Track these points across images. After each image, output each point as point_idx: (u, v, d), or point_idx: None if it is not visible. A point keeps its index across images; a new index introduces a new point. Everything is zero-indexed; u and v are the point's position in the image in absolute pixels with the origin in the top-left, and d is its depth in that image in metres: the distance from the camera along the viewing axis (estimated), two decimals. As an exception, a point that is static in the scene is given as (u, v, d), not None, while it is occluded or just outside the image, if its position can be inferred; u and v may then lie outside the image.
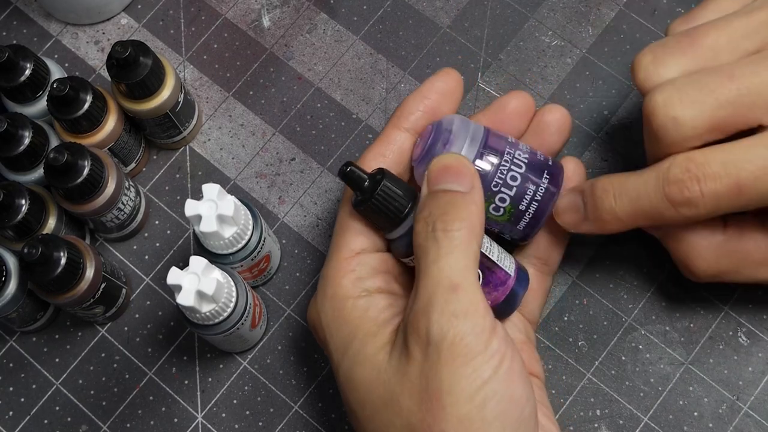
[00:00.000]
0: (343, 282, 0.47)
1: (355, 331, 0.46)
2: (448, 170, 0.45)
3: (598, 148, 0.58)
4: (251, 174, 0.60)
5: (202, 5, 0.63)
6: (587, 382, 0.54)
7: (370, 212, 0.47)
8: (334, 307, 0.47)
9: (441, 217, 0.44)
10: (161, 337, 0.57)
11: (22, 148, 0.52)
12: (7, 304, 0.52)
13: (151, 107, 0.55)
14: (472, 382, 0.41)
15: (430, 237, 0.44)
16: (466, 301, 0.42)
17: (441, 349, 0.42)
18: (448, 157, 0.46)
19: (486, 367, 0.42)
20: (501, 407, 0.42)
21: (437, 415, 0.41)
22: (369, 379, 0.44)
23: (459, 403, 0.41)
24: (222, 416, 0.55)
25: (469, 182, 0.45)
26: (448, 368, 0.41)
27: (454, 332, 0.42)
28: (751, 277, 0.49)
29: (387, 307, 0.46)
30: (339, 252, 0.48)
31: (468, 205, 0.44)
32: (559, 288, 0.56)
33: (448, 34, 0.62)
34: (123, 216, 0.56)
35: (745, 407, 0.53)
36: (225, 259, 0.52)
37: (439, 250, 0.43)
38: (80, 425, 0.56)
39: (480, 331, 0.42)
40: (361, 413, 0.45)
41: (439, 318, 0.42)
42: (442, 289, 0.43)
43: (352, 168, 0.46)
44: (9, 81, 0.54)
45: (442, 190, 0.45)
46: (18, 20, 0.64)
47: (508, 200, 0.48)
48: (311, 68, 0.62)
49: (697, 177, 0.44)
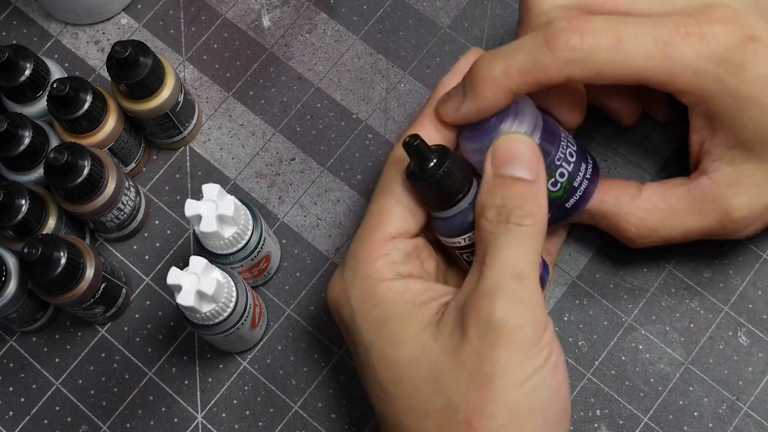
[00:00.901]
0: (377, 265, 0.47)
1: (390, 312, 0.46)
2: (517, 155, 0.46)
3: (598, 148, 0.58)
4: (251, 174, 0.60)
5: (202, 5, 0.63)
6: (587, 382, 0.54)
7: (427, 188, 0.46)
8: (365, 287, 0.47)
9: (515, 211, 0.45)
10: (161, 337, 0.57)
11: (22, 148, 0.52)
12: (7, 304, 0.52)
13: (151, 107, 0.55)
14: (524, 370, 0.43)
15: (502, 227, 0.45)
16: (530, 292, 0.44)
17: (501, 334, 0.43)
18: (516, 139, 0.46)
19: (538, 357, 0.43)
20: (547, 397, 0.43)
21: (485, 396, 0.42)
22: (411, 356, 0.45)
23: (509, 387, 0.42)
24: (222, 416, 0.55)
25: (536, 170, 0.46)
26: (504, 353, 0.42)
27: (516, 319, 0.43)
28: (684, 228, 0.49)
29: (423, 291, 0.47)
30: (374, 234, 0.48)
31: (539, 198, 0.45)
32: (559, 288, 0.56)
33: (448, 34, 0.62)
34: (123, 216, 0.56)
35: (745, 407, 0.53)
36: (225, 259, 0.52)
37: (510, 240, 0.44)
38: (80, 425, 0.56)
39: (538, 322, 0.43)
40: (395, 391, 0.45)
41: (503, 303, 0.43)
42: (509, 276, 0.44)
43: (420, 142, 0.45)
44: (9, 81, 0.54)
45: (510, 176, 0.45)
46: (18, 20, 0.64)
47: (566, 175, 0.49)
48: (311, 68, 0.62)
49: (579, 29, 0.45)
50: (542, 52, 0.45)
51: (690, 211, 0.49)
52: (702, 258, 0.56)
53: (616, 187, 0.50)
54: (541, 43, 0.45)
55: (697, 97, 0.47)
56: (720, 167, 0.48)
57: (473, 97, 0.47)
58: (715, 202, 0.49)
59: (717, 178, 0.49)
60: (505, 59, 0.46)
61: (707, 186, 0.49)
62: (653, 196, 0.50)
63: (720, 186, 0.48)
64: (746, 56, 0.45)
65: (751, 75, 0.45)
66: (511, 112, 0.47)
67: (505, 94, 0.46)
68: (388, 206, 0.48)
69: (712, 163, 0.49)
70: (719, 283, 0.55)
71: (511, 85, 0.46)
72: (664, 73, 0.45)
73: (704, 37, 0.45)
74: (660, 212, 0.50)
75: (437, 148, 0.46)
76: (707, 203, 0.49)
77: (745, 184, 0.48)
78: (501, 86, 0.46)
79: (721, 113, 0.47)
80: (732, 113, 0.46)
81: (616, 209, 0.50)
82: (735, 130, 0.47)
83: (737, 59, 0.45)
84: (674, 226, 0.50)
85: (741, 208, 0.48)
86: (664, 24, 0.46)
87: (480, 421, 0.42)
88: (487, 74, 0.46)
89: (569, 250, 0.56)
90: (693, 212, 0.49)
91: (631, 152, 0.58)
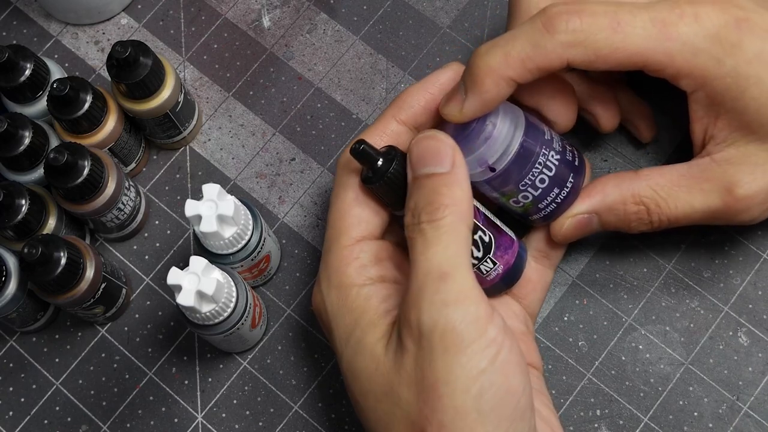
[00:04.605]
0: (348, 270, 0.47)
1: (358, 319, 0.45)
2: (427, 152, 0.45)
3: (598, 148, 0.58)
4: (251, 174, 0.60)
5: (202, 5, 0.63)
6: (587, 382, 0.54)
7: (382, 189, 0.46)
8: (340, 295, 0.46)
9: (425, 208, 0.44)
10: (161, 337, 0.57)
11: (22, 148, 0.52)
12: (7, 304, 0.52)
13: (151, 107, 0.55)
14: (468, 372, 0.41)
15: (416, 229, 0.44)
16: (456, 289, 0.42)
17: (433, 340, 0.41)
18: (426, 137, 0.45)
19: (482, 356, 0.41)
20: (497, 398, 0.41)
21: (434, 406, 0.41)
22: (369, 369, 0.44)
23: (455, 393, 0.41)
24: (222, 416, 0.55)
25: (450, 160, 0.44)
26: (442, 358, 0.41)
27: (444, 321, 0.41)
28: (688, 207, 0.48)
29: (387, 298, 0.46)
30: (339, 239, 0.47)
31: (452, 187, 0.44)
32: (559, 288, 0.56)
33: (448, 34, 0.62)
34: (123, 216, 0.56)
35: (745, 407, 0.53)
36: (225, 259, 0.52)
37: (426, 241, 0.43)
38: (80, 425, 0.56)
39: (473, 318, 0.41)
40: (363, 403, 0.45)
41: (428, 308, 0.41)
42: (431, 278, 0.42)
43: (366, 146, 0.45)
44: (9, 81, 0.54)
45: (424, 175, 0.44)
46: (18, 20, 0.64)
47: (530, 198, 0.49)
48: (311, 68, 0.62)
49: (577, 11, 0.45)
50: (541, 36, 0.45)
51: (692, 189, 0.48)
52: (702, 258, 0.56)
53: (612, 178, 0.50)
54: (540, 28, 0.45)
55: (697, 79, 0.46)
56: (723, 149, 0.48)
57: (474, 91, 0.46)
58: (717, 179, 0.48)
59: (719, 157, 0.48)
60: (503, 48, 0.45)
61: (707, 164, 0.48)
62: (652, 174, 0.49)
63: (721, 164, 0.48)
64: (741, 35, 0.45)
65: (748, 53, 0.45)
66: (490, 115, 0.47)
67: (507, 83, 0.46)
68: (347, 211, 0.48)
69: (716, 146, 0.48)
70: (719, 283, 0.55)
71: (511, 73, 0.45)
72: (663, 53, 0.45)
73: (699, 17, 0.45)
74: (662, 188, 0.49)
75: (385, 149, 0.47)
76: (709, 181, 0.48)
77: (748, 163, 0.47)
78: (502, 75, 0.45)
79: (722, 95, 0.46)
80: (733, 94, 0.46)
81: (621, 196, 0.49)
82: (737, 112, 0.47)
83: (733, 38, 0.45)
84: (677, 204, 0.48)
85: (744, 186, 0.47)
86: (659, 6, 0.46)
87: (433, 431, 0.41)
88: (485, 65, 0.46)
89: (569, 250, 0.56)
90: (695, 190, 0.48)
91: (631, 152, 0.58)
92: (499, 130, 0.47)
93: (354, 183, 0.48)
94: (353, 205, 0.48)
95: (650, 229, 0.50)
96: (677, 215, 0.49)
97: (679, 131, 0.57)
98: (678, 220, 0.49)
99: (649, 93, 0.55)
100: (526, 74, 0.45)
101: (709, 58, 0.46)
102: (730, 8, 0.46)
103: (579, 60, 0.45)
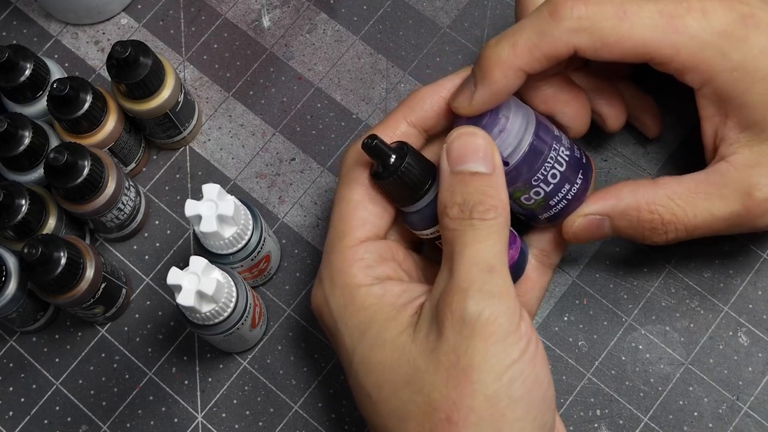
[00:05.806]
0: (353, 271, 0.47)
1: (372, 316, 0.46)
2: (471, 150, 0.45)
3: (598, 148, 0.58)
4: (251, 174, 0.60)
5: (202, 5, 0.63)
6: (587, 382, 0.54)
7: (392, 185, 0.47)
8: (345, 296, 0.47)
9: (477, 206, 0.44)
10: (161, 337, 0.57)
11: (22, 148, 0.52)
12: (7, 304, 0.52)
13: (151, 107, 0.55)
14: (502, 361, 0.43)
15: (467, 223, 0.44)
16: (501, 283, 0.44)
17: (476, 327, 0.43)
18: (469, 133, 0.46)
19: (515, 347, 0.43)
20: (527, 387, 0.43)
21: (464, 391, 0.42)
22: (390, 359, 0.45)
23: (488, 380, 0.42)
24: (222, 416, 0.55)
25: (492, 163, 0.45)
26: (480, 345, 0.42)
27: (489, 311, 0.43)
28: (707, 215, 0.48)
29: (402, 293, 0.47)
30: (343, 240, 0.48)
31: (499, 191, 0.45)
32: (559, 288, 0.56)
33: (448, 34, 0.62)
34: (123, 216, 0.56)
35: (745, 407, 0.53)
36: (225, 259, 0.52)
37: (476, 236, 0.44)
38: (80, 425, 0.56)
39: (512, 313, 0.43)
40: (376, 395, 0.45)
41: (475, 297, 0.43)
42: (479, 270, 0.44)
43: (378, 141, 0.45)
44: (9, 81, 0.54)
45: (468, 172, 0.45)
46: (18, 20, 0.64)
47: (542, 194, 0.49)
48: (311, 68, 0.62)
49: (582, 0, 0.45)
50: (547, 24, 0.45)
51: (711, 196, 0.48)
52: (702, 258, 0.56)
53: (629, 184, 0.50)
54: (545, 16, 0.46)
55: (703, 74, 0.46)
56: (737, 150, 0.48)
57: (484, 83, 0.46)
58: (735, 184, 0.47)
59: (735, 160, 0.48)
60: (510, 39, 0.46)
61: (725, 169, 0.48)
62: (670, 182, 0.49)
63: (739, 168, 0.47)
64: (748, 31, 0.46)
65: (755, 49, 0.46)
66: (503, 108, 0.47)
67: (516, 74, 0.46)
68: (351, 212, 0.48)
69: (729, 148, 0.48)
70: (719, 283, 0.55)
71: (520, 63, 0.46)
72: (669, 46, 0.46)
73: (706, 12, 0.46)
74: (679, 197, 0.48)
75: (396, 144, 0.47)
76: (728, 186, 0.48)
77: (765, 164, 0.47)
78: (510, 66, 0.46)
79: (730, 91, 0.47)
80: (741, 89, 0.46)
81: (635, 202, 0.49)
82: (747, 109, 0.47)
83: (739, 34, 0.45)
84: (696, 213, 0.48)
85: (763, 188, 0.47)
86: None
87: (460, 416, 0.42)
88: (494, 57, 0.46)
89: (569, 250, 0.56)
90: (714, 196, 0.48)
91: (631, 152, 0.58)
92: (512, 123, 0.47)
93: (359, 183, 0.48)
94: (358, 206, 0.48)
95: (665, 241, 0.49)
96: (696, 224, 0.48)
97: (683, 129, 0.57)
98: (697, 229, 0.49)
99: (653, 92, 0.55)
100: (534, 63, 0.46)
101: (716, 52, 0.46)
102: (736, 5, 0.46)
103: (585, 46, 0.46)
